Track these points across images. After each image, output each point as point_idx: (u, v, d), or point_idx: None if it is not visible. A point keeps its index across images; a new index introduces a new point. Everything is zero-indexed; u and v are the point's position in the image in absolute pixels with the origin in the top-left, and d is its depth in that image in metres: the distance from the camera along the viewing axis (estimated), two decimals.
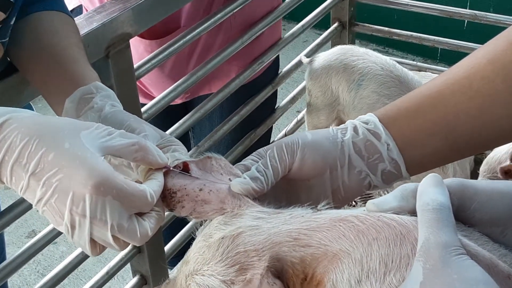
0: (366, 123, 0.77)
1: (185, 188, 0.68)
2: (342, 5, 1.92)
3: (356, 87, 1.56)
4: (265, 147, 0.74)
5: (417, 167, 0.76)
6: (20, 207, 1.04)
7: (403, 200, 0.58)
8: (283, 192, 0.74)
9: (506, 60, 0.73)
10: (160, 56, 1.28)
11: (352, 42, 2.01)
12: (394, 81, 1.54)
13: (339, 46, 1.69)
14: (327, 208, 0.63)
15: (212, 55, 1.45)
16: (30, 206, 1.05)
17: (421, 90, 0.77)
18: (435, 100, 0.75)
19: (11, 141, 0.62)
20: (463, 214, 0.58)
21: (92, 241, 0.64)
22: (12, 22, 0.90)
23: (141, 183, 0.68)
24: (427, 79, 1.68)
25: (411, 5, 1.89)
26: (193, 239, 0.68)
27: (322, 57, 1.67)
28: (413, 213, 0.58)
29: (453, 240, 0.51)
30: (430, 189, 0.56)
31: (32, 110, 1.22)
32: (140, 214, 0.66)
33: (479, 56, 0.75)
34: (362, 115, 0.78)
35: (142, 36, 1.42)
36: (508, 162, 1.43)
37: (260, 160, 0.73)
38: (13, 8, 0.89)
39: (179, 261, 0.79)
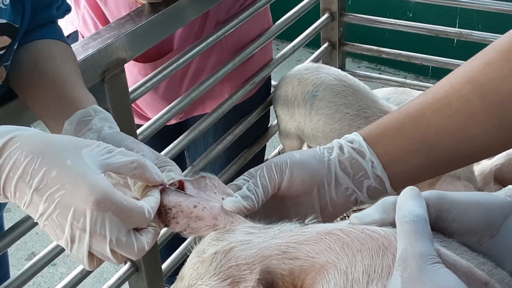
0: (351, 142, 0.80)
1: (180, 205, 0.72)
2: (332, 26, 1.96)
3: (311, 98, 1.58)
4: (255, 167, 0.78)
5: (401, 182, 0.80)
6: (20, 229, 1.07)
7: (384, 213, 0.62)
8: (274, 209, 0.78)
9: (482, 79, 0.76)
10: (154, 80, 1.32)
11: (343, 61, 2.05)
12: (349, 90, 1.56)
13: (297, 66, 1.73)
14: (314, 222, 0.66)
15: (204, 77, 1.49)
16: (29, 228, 1.08)
17: (402, 109, 0.81)
18: (416, 119, 0.79)
19: (16, 158, 0.65)
20: (442, 224, 0.61)
21: (90, 255, 0.67)
22: (15, 47, 0.94)
23: (138, 199, 0.71)
24: (406, 95, 1.72)
25: (398, 25, 1.94)
26: (188, 255, 0.71)
27: (283, 81, 1.71)
28: (394, 224, 0.61)
29: (429, 250, 0.55)
30: (408, 202, 0.59)
31: None
32: (137, 229, 0.70)
33: (457, 76, 0.79)
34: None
35: (136, 59, 1.45)
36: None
37: (251, 179, 0.76)
38: (18, 33, 0.92)
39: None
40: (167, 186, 0.73)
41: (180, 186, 0.73)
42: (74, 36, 1.51)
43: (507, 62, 0.75)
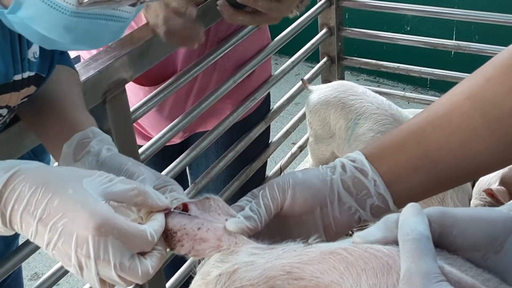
0: (354, 161, 0.81)
1: (185, 228, 0.72)
2: (330, 41, 1.98)
3: (353, 126, 1.61)
4: (258, 187, 0.78)
5: (404, 200, 0.80)
6: (25, 250, 1.07)
7: (387, 231, 0.62)
8: (277, 228, 0.78)
9: (483, 96, 0.77)
10: (156, 99, 1.32)
11: (342, 75, 2.06)
12: (388, 119, 1.58)
13: (339, 82, 1.73)
14: (317, 242, 0.67)
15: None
16: (34, 250, 1.08)
17: (404, 127, 0.82)
18: (417, 136, 0.79)
19: (20, 190, 0.67)
20: (445, 240, 0.61)
21: (101, 280, 0.68)
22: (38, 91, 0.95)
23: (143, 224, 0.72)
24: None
25: (396, 38, 1.95)
26: (192, 276, 0.71)
27: (321, 91, 1.71)
28: (397, 242, 0.61)
29: (432, 268, 0.55)
30: (410, 219, 0.59)
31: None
32: (143, 254, 0.70)
33: (457, 92, 0.80)
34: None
35: (141, 83, 1.46)
36: (496, 184, 1.47)
37: (254, 199, 0.77)
38: (44, 81, 0.94)
39: None
40: (172, 209, 0.74)
41: (184, 209, 0.74)
42: (76, 61, 1.52)
43: (507, 78, 0.76)
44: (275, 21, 1.23)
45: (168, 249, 0.73)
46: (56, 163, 0.91)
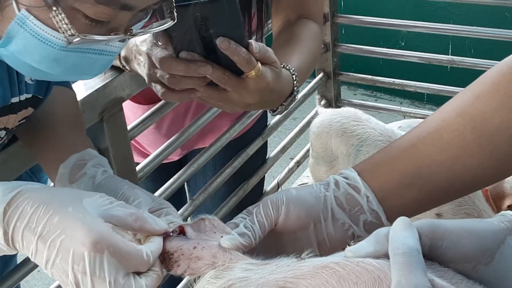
0: (346, 178, 0.82)
1: (181, 249, 0.73)
2: (326, 56, 1.99)
3: (355, 152, 1.61)
4: (253, 205, 0.80)
5: (397, 216, 0.79)
6: (24, 269, 1.08)
7: (378, 244, 0.62)
8: (272, 245, 0.79)
9: (473, 112, 0.79)
10: (153, 117, 1.33)
11: (338, 90, 2.08)
12: None
13: (344, 108, 1.74)
14: (310, 257, 0.68)
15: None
16: (32, 268, 1.08)
17: (396, 144, 0.83)
18: (409, 153, 0.81)
19: (23, 208, 0.68)
20: (436, 252, 0.62)
21: None
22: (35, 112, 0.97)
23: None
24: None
25: (391, 54, 1.97)
26: None
27: (326, 114, 1.72)
28: (389, 256, 0.62)
29: (422, 281, 0.56)
30: (400, 233, 0.60)
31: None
32: (139, 274, 0.71)
33: (448, 109, 0.81)
34: None
35: (140, 102, 1.47)
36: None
37: (248, 217, 0.78)
38: (41, 102, 0.96)
39: None
40: (170, 233, 0.75)
41: (181, 231, 0.75)
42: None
43: (496, 94, 0.78)
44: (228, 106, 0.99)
45: (165, 271, 0.74)
46: (52, 184, 0.92)
